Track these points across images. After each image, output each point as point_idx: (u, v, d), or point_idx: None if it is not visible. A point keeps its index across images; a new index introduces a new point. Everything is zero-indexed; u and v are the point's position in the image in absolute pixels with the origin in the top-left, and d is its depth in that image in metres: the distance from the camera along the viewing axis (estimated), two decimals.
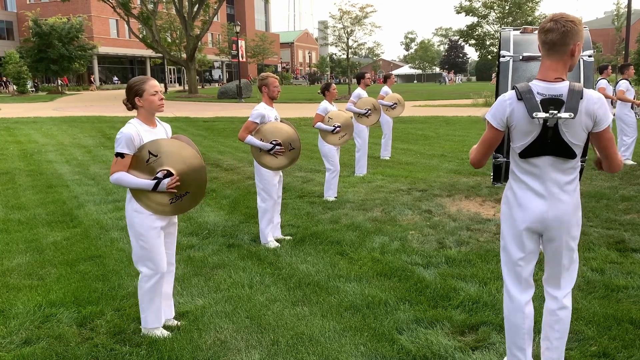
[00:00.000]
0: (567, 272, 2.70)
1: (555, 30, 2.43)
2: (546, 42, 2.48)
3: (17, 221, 6.39)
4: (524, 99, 2.49)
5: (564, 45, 2.45)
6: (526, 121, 2.50)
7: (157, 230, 3.37)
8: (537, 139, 2.51)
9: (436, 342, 3.30)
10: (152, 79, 3.36)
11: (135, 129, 3.25)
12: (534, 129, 2.51)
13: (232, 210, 6.71)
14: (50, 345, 3.35)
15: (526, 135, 2.53)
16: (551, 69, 2.51)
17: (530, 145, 2.53)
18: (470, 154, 2.77)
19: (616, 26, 54.19)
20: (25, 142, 13.91)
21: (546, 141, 2.50)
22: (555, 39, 2.44)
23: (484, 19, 50.59)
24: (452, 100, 31.16)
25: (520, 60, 4.76)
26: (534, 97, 2.48)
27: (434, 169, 9.40)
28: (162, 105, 3.34)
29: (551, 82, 2.50)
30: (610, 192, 7.05)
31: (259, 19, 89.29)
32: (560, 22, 2.43)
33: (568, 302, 2.73)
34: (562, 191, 2.56)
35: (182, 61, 41.43)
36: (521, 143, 2.56)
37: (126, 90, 3.33)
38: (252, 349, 3.31)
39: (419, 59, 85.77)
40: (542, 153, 2.53)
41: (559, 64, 2.50)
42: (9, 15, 56.47)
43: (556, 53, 2.48)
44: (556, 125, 2.47)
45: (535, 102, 2.47)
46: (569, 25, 2.42)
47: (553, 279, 2.73)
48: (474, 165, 2.76)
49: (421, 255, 4.91)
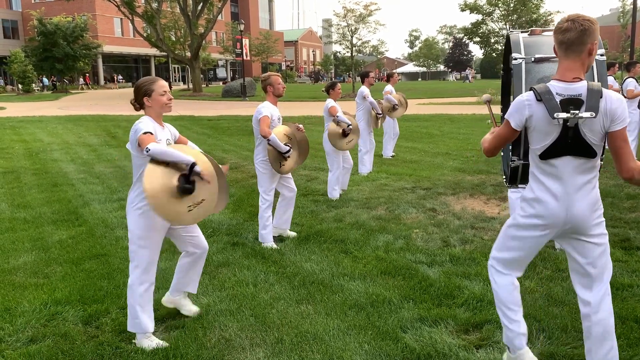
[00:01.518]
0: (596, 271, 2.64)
1: (573, 29, 2.44)
2: (564, 42, 2.48)
3: (22, 220, 6.42)
4: (544, 100, 2.49)
5: (582, 45, 2.46)
6: (546, 122, 2.51)
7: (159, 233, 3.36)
8: (557, 140, 2.51)
9: (440, 340, 3.30)
10: (161, 80, 3.37)
11: (150, 121, 3.24)
12: (554, 130, 2.50)
13: (236, 208, 6.72)
14: (56, 343, 3.37)
15: (546, 136, 2.53)
16: (569, 69, 2.51)
17: (551, 146, 2.53)
18: (483, 143, 2.81)
19: (622, 23, 53.97)
20: (31, 141, 13.97)
21: (567, 141, 2.50)
22: (573, 38, 2.45)
23: (489, 17, 50.41)
24: (456, 98, 31.10)
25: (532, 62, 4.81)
26: (554, 98, 2.49)
27: (438, 167, 9.39)
28: (170, 106, 3.35)
29: (569, 82, 2.50)
30: (616, 190, 7.02)
31: (263, 18, 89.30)
32: (577, 22, 2.44)
33: (605, 305, 2.65)
34: (580, 191, 2.55)
35: (186, 60, 41.47)
36: (542, 144, 2.55)
37: (134, 91, 3.32)
38: (257, 347, 3.32)
39: (424, 57, 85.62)
40: (563, 153, 2.53)
41: (576, 64, 2.50)
42: (14, 15, 56.66)
43: (574, 52, 2.48)
44: (576, 125, 2.47)
45: (555, 103, 2.47)
46: (586, 24, 2.44)
47: (583, 279, 2.67)
48: (487, 154, 2.82)
49: (425, 253, 4.91)
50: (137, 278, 3.34)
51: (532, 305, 3.73)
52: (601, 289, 2.64)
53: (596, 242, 2.62)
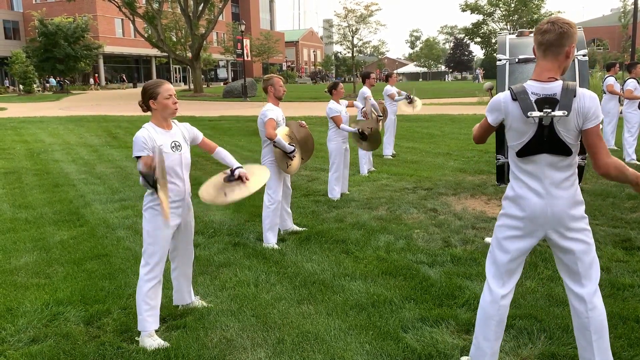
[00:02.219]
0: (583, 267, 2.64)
1: (552, 31, 2.52)
2: (542, 43, 2.56)
3: (24, 220, 6.43)
4: (519, 99, 2.56)
5: (560, 47, 2.53)
6: (521, 121, 2.57)
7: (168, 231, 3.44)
8: (533, 138, 2.57)
9: (441, 340, 3.31)
10: (167, 83, 3.43)
11: (147, 132, 3.32)
12: (530, 128, 2.56)
13: (237, 209, 6.73)
14: (58, 344, 3.37)
15: (522, 135, 2.59)
16: (545, 69, 2.58)
17: (527, 144, 2.59)
18: (474, 131, 2.92)
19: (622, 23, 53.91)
20: (32, 142, 13.98)
21: (542, 139, 2.56)
22: (552, 40, 2.52)
23: (490, 17, 50.48)
24: (457, 98, 31.08)
25: (516, 63, 4.87)
26: (529, 97, 2.55)
27: (439, 167, 9.39)
28: (175, 109, 3.40)
29: (545, 82, 2.57)
30: (617, 191, 7.02)
31: (264, 18, 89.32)
32: (557, 24, 2.52)
33: (598, 301, 2.66)
34: (559, 188, 2.59)
35: (187, 60, 41.49)
36: (518, 142, 2.62)
37: (141, 93, 3.40)
38: (258, 347, 3.32)
39: (424, 57, 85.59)
40: (539, 151, 2.58)
41: (554, 65, 2.57)
42: (15, 15, 56.73)
43: (552, 54, 2.55)
44: (551, 123, 2.53)
45: (530, 102, 2.54)
46: (565, 27, 2.52)
47: (572, 276, 2.68)
48: (475, 141, 2.96)
49: (426, 253, 4.91)
50: (145, 275, 3.41)
51: (533, 306, 3.74)
52: (592, 286, 2.65)
53: (579, 237, 2.63)
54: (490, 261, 2.81)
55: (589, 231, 2.67)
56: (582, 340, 2.70)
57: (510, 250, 2.70)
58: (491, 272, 2.79)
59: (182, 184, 3.47)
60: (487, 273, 2.82)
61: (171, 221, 3.43)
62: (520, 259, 2.74)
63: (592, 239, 2.68)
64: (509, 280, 2.75)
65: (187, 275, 3.82)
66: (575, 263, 2.64)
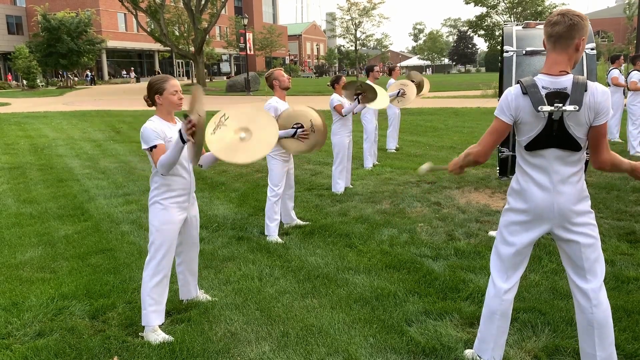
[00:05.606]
0: (588, 262, 2.62)
1: (562, 23, 2.47)
2: (552, 35, 2.51)
3: (28, 215, 6.45)
4: (529, 93, 2.53)
5: (570, 39, 2.49)
6: (531, 115, 2.54)
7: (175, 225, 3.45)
8: (542, 132, 2.54)
9: (445, 333, 3.31)
10: (173, 79, 3.45)
11: (155, 124, 3.34)
12: (540, 122, 2.54)
13: (241, 203, 6.74)
14: (63, 338, 3.39)
15: (532, 129, 2.56)
16: (556, 62, 2.54)
17: (536, 138, 2.56)
18: (479, 145, 2.70)
19: (627, 15, 53.59)
20: (36, 137, 14.02)
21: (552, 134, 2.53)
22: (561, 32, 2.48)
23: (493, 9, 50.20)
24: (461, 91, 30.98)
25: (523, 55, 4.83)
26: (539, 91, 2.52)
27: (443, 160, 9.37)
28: (180, 105, 3.43)
29: (556, 75, 2.53)
30: (621, 184, 7.00)
31: (267, 12, 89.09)
32: (567, 16, 2.48)
33: (603, 297, 2.64)
34: (566, 184, 2.57)
35: (190, 54, 41.47)
36: (527, 136, 2.59)
37: (147, 88, 3.43)
38: (262, 340, 3.34)
39: (428, 50, 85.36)
40: (548, 145, 2.56)
41: (564, 58, 2.53)
42: (18, 10, 56.73)
43: (561, 46, 2.51)
44: (561, 118, 2.50)
45: (540, 96, 2.51)
46: (575, 19, 2.47)
47: (577, 271, 2.66)
48: (479, 159, 2.72)
49: (430, 247, 4.91)
50: (151, 270, 3.43)
51: (537, 299, 3.73)
52: (597, 282, 2.63)
53: (584, 231, 2.62)
54: (494, 255, 2.81)
55: (595, 226, 2.65)
56: (584, 335, 2.70)
57: (514, 243, 2.70)
58: (496, 267, 2.80)
59: (188, 176, 3.49)
60: (491, 267, 2.82)
61: (178, 215, 3.45)
62: (525, 253, 2.73)
63: (598, 234, 2.67)
64: (512, 275, 2.75)
65: (193, 270, 3.84)
66: (580, 257, 2.63)
